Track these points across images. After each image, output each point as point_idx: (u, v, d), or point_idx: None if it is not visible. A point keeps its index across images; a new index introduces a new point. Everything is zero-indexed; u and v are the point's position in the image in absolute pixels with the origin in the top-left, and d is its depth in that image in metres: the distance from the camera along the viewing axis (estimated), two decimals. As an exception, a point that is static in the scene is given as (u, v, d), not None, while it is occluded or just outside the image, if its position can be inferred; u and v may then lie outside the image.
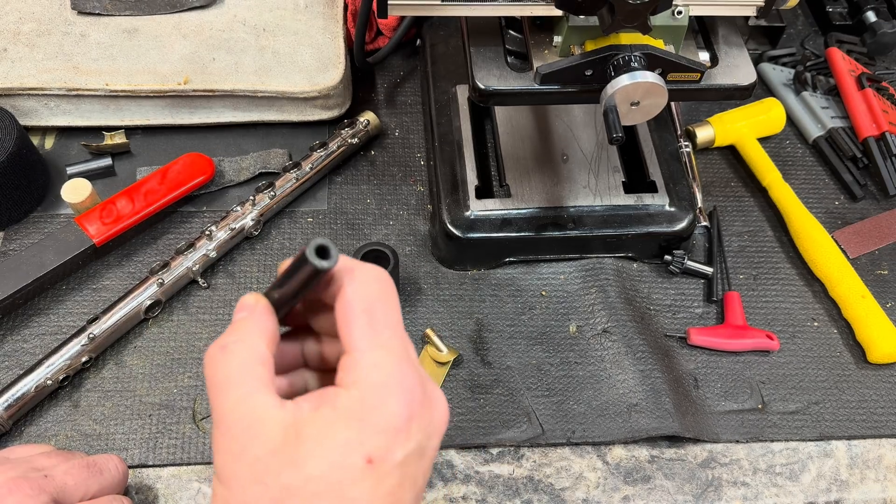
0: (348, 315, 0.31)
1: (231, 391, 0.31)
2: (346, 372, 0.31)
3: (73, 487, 0.45)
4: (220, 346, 0.32)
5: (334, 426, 0.30)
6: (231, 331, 0.33)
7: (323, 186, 0.66)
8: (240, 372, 0.31)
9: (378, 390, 0.30)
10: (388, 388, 0.30)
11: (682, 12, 0.48)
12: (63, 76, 0.62)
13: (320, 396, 0.31)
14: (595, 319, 0.60)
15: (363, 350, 0.31)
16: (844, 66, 0.71)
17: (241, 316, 0.33)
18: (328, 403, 0.30)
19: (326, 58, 0.66)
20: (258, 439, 0.30)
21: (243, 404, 0.30)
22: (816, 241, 0.63)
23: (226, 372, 0.31)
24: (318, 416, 0.30)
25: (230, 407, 0.30)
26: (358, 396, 0.30)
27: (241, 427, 0.30)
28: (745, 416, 0.57)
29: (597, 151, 0.64)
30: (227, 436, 0.30)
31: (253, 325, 0.32)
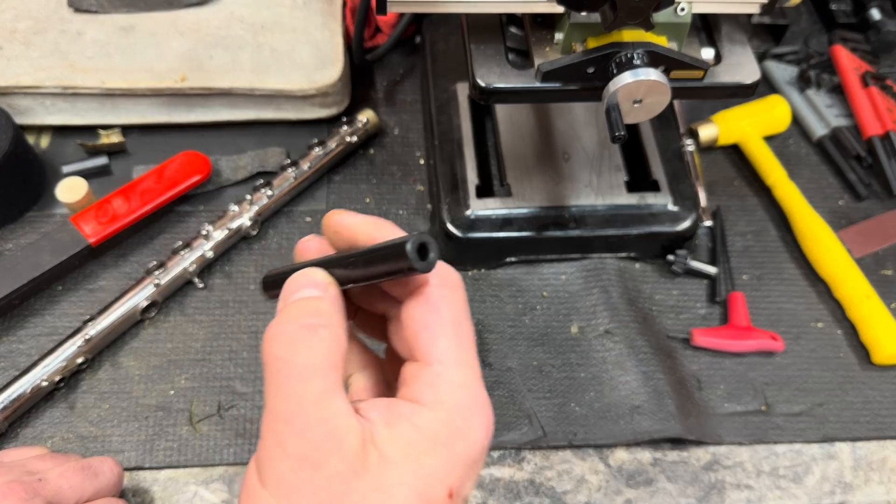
0: (435, 323, 0.28)
1: (313, 383, 0.26)
2: (425, 387, 0.27)
3: (68, 491, 0.45)
4: (307, 326, 0.27)
5: (420, 451, 0.26)
6: (309, 311, 0.28)
7: (321, 185, 0.66)
8: (326, 362, 0.27)
9: (465, 415, 0.27)
10: (473, 412, 0.28)
11: (685, 9, 0.47)
12: (59, 74, 0.62)
13: (392, 411, 0.27)
14: (597, 320, 0.59)
15: (449, 365, 0.28)
16: (849, 64, 0.71)
17: (314, 295, 0.28)
18: (407, 421, 0.27)
19: (325, 55, 0.65)
20: (340, 452, 0.25)
21: (326, 404, 0.26)
22: (821, 241, 0.63)
23: (311, 359, 0.27)
24: (399, 436, 0.26)
25: (310, 403, 0.26)
26: (444, 419, 0.27)
27: (321, 432, 0.26)
28: (749, 417, 0.56)
29: (599, 150, 0.63)
30: (302, 438, 0.26)
31: (335, 310, 0.28)
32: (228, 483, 0.52)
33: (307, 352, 0.27)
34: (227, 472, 0.53)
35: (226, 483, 0.52)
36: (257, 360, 0.57)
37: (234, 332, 0.58)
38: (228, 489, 0.52)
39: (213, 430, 0.54)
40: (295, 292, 0.29)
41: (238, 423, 0.54)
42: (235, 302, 0.59)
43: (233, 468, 0.53)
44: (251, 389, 0.56)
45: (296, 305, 0.28)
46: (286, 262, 0.61)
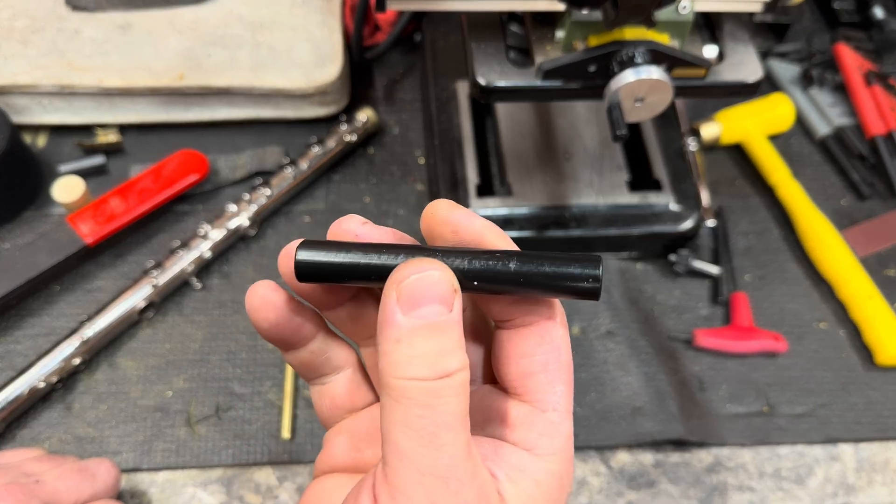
0: (556, 368, 0.26)
1: (461, 434, 0.23)
2: (542, 437, 0.25)
3: (66, 492, 0.44)
4: (445, 373, 0.23)
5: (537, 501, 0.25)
6: (444, 347, 0.23)
7: (320, 185, 0.65)
8: (465, 411, 0.23)
9: (568, 467, 0.26)
10: (571, 464, 0.27)
11: (687, 7, 0.47)
12: (56, 73, 0.61)
13: (510, 463, 0.25)
14: (599, 321, 0.59)
15: (563, 415, 0.26)
16: (852, 63, 0.70)
17: (443, 319, 0.23)
18: (528, 477, 0.25)
19: (324, 53, 0.64)
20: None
21: (473, 459, 0.24)
22: (824, 241, 0.62)
23: (456, 407, 0.23)
24: (523, 492, 0.25)
25: (461, 458, 0.23)
26: (557, 473, 0.26)
27: (474, 493, 0.23)
28: (751, 419, 0.56)
29: (600, 149, 0.63)
30: (457, 498, 0.23)
31: (463, 339, 0.24)
32: (226, 485, 0.52)
33: (452, 400, 0.23)
34: (226, 474, 0.52)
35: (224, 485, 0.52)
36: (255, 361, 0.57)
37: (233, 333, 0.57)
38: (226, 491, 0.52)
39: (212, 431, 0.54)
40: (418, 305, 0.23)
41: (236, 425, 0.54)
42: (234, 302, 0.59)
43: (231, 470, 0.53)
44: (249, 391, 0.55)
45: (421, 335, 0.23)
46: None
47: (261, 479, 0.52)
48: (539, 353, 0.26)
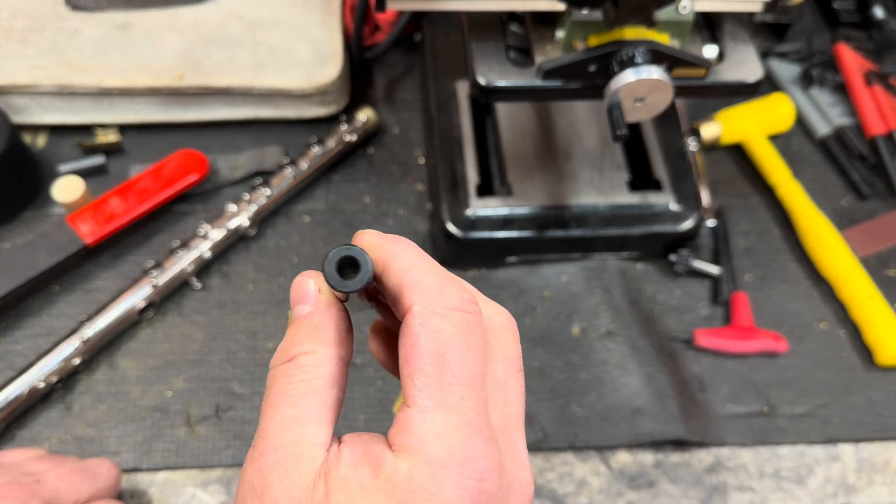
0: (412, 353, 0.24)
1: (283, 410, 0.25)
2: (399, 431, 0.24)
3: (66, 492, 0.44)
4: (288, 359, 0.26)
5: (368, 500, 0.23)
6: (297, 335, 0.27)
7: (320, 185, 0.65)
8: (301, 389, 0.25)
9: (433, 469, 0.23)
10: (447, 468, 0.23)
11: (687, 7, 0.47)
12: (56, 73, 0.61)
13: (365, 449, 0.25)
14: (599, 321, 0.59)
15: (425, 409, 0.24)
16: (852, 63, 0.70)
17: (305, 311, 0.27)
18: (370, 465, 0.24)
19: (324, 53, 0.64)
20: (284, 482, 0.24)
21: (288, 432, 0.25)
22: (824, 241, 0.62)
23: (285, 386, 0.26)
24: (354, 478, 0.24)
25: (274, 429, 0.25)
26: (406, 470, 0.23)
27: (272, 459, 0.25)
28: (752, 419, 0.56)
29: (600, 149, 0.63)
30: (255, 464, 0.25)
31: (321, 327, 0.26)
32: (226, 485, 0.52)
33: (282, 380, 0.26)
34: (225, 474, 0.52)
35: (223, 485, 0.52)
36: (255, 361, 0.56)
37: (232, 333, 0.57)
38: (226, 491, 0.52)
39: (211, 431, 0.53)
40: (294, 307, 0.28)
41: (236, 425, 0.54)
42: (233, 302, 0.59)
43: (231, 470, 0.53)
44: (249, 391, 0.55)
45: (290, 329, 0.27)
46: (284, 263, 0.61)
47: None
48: (401, 348, 0.25)
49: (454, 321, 0.24)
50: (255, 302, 0.59)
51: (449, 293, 0.25)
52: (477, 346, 0.25)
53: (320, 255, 0.61)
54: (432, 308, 0.24)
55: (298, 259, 0.61)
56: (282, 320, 0.58)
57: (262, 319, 0.58)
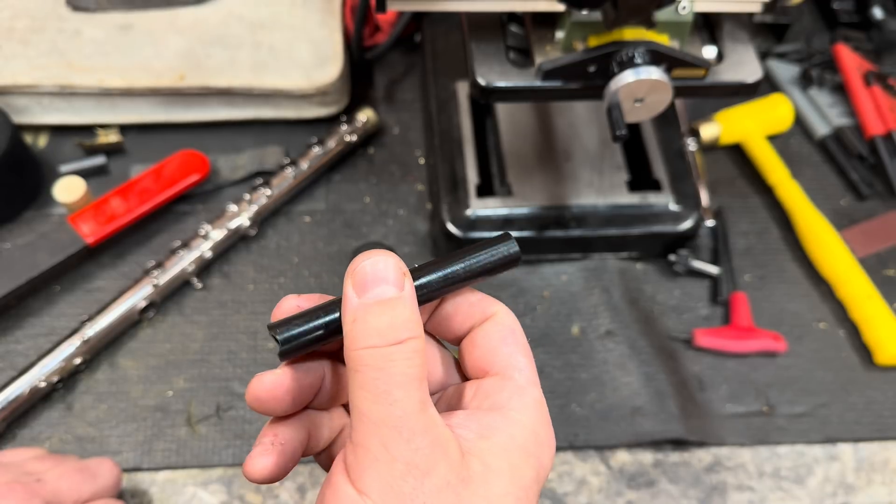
0: (514, 342, 0.30)
1: (414, 392, 0.25)
2: (512, 397, 0.28)
3: (67, 492, 0.44)
4: (397, 340, 0.26)
5: (519, 462, 0.27)
6: (393, 320, 0.26)
7: (320, 185, 0.65)
8: (421, 372, 0.26)
9: (546, 429, 0.29)
10: (550, 429, 0.29)
11: (687, 7, 0.47)
12: (57, 73, 0.62)
13: (483, 422, 0.27)
14: (598, 321, 0.59)
15: (530, 381, 0.29)
16: (851, 63, 0.70)
17: (392, 295, 0.26)
18: (502, 432, 0.27)
19: (324, 53, 0.65)
20: (447, 460, 0.25)
21: (428, 414, 0.26)
22: (823, 241, 0.62)
23: (408, 369, 0.26)
24: (497, 446, 0.27)
25: (414, 411, 0.25)
26: (532, 430, 0.28)
27: (428, 440, 0.25)
28: (751, 418, 0.56)
29: (600, 149, 0.63)
30: (410, 445, 0.25)
31: (416, 314, 0.27)
32: (227, 484, 0.52)
33: (404, 362, 0.26)
34: (226, 474, 0.53)
35: (224, 484, 0.52)
36: (256, 361, 0.57)
37: (233, 333, 0.58)
38: (227, 490, 0.52)
39: (212, 431, 0.54)
40: (367, 287, 0.26)
41: (237, 424, 0.54)
42: (234, 302, 0.59)
43: (231, 469, 0.53)
44: (250, 390, 0.55)
45: (374, 311, 0.26)
46: (284, 263, 0.61)
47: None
48: (495, 334, 0.30)
49: (518, 324, 0.31)
50: (255, 302, 0.59)
51: (509, 310, 0.31)
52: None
53: (321, 255, 0.62)
54: (509, 312, 0.31)
55: (299, 259, 0.61)
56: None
57: (263, 319, 0.58)
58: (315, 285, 0.60)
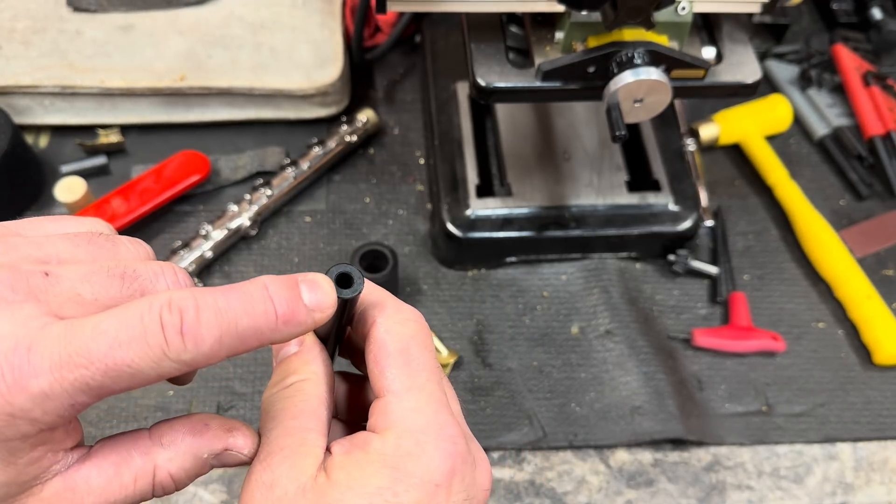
0: (381, 354, 0.29)
1: (285, 421, 0.28)
2: (379, 416, 0.28)
3: (88, 304, 0.26)
4: (284, 386, 0.29)
5: (367, 473, 0.27)
6: (291, 366, 0.30)
7: (321, 185, 0.65)
8: (300, 407, 0.29)
9: (416, 436, 0.27)
10: (426, 434, 0.27)
11: (686, 8, 0.47)
12: (58, 74, 0.62)
13: (351, 441, 0.28)
14: (598, 320, 0.59)
15: (399, 392, 0.28)
16: (850, 64, 0.70)
17: (292, 351, 0.30)
18: (359, 448, 0.28)
19: (324, 54, 0.65)
20: (291, 473, 0.27)
21: (291, 437, 0.28)
22: (822, 241, 0.62)
23: (286, 404, 0.29)
24: (350, 460, 0.27)
25: (278, 436, 0.28)
26: (393, 441, 0.27)
27: (279, 457, 0.27)
28: (750, 418, 0.56)
29: (599, 149, 0.63)
30: (263, 464, 0.27)
31: (310, 360, 0.30)
32: (227, 484, 0.52)
33: (282, 401, 0.29)
34: (227, 473, 0.53)
35: (224, 484, 0.52)
36: (256, 361, 0.57)
37: (234, 333, 0.58)
38: (227, 490, 0.52)
39: (213, 430, 0.54)
40: (279, 351, 0.31)
41: (237, 424, 0.54)
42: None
43: (232, 469, 0.53)
44: (250, 390, 0.55)
45: (276, 370, 0.30)
46: (285, 263, 0.61)
47: (262, 478, 0.53)
48: (369, 354, 0.30)
49: (411, 326, 0.30)
50: (256, 302, 0.59)
51: (403, 308, 0.30)
52: (430, 346, 0.30)
53: (321, 254, 0.62)
54: (393, 318, 0.30)
55: (299, 259, 0.62)
56: (283, 320, 0.59)
57: (263, 319, 0.58)
58: (315, 285, 0.60)
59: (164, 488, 0.28)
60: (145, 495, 0.27)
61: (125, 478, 0.27)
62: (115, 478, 0.27)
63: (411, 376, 0.29)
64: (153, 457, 0.27)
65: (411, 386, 0.28)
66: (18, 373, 0.22)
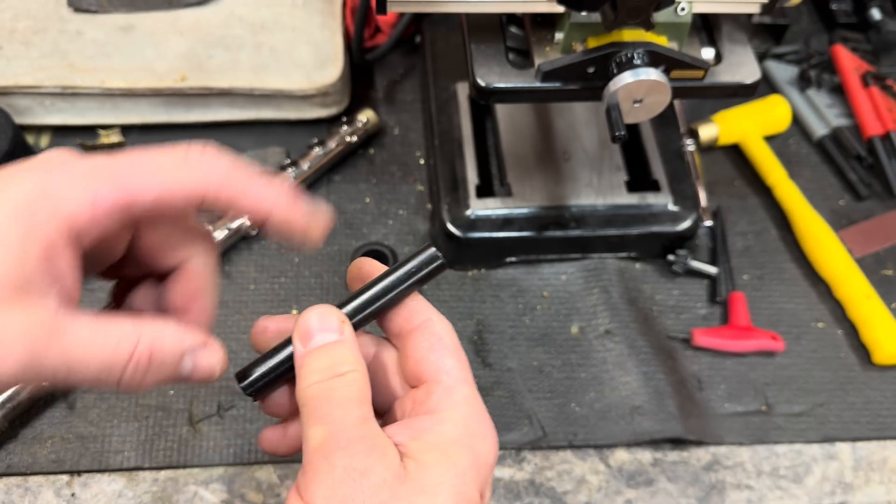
0: (439, 345, 0.32)
1: (352, 409, 0.29)
2: (441, 399, 0.31)
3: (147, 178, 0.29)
4: (337, 374, 0.30)
5: (451, 453, 0.29)
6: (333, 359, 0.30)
7: (321, 185, 0.65)
8: (360, 395, 0.30)
9: (478, 420, 0.30)
10: (484, 420, 0.31)
11: (686, 9, 0.47)
12: (58, 74, 0.62)
13: (413, 427, 0.30)
14: (597, 320, 0.59)
15: (458, 380, 0.31)
16: (849, 64, 0.70)
17: (332, 340, 0.31)
18: (431, 431, 0.30)
19: (325, 55, 0.65)
20: (384, 461, 0.28)
21: (366, 426, 0.29)
22: (821, 241, 0.62)
23: (347, 392, 0.30)
24: (428, 443, 0.29)
25: (352, 424, 0.29)
26: (463, 424, 0.30)
27: (365, 445, 0.28)
28: (749, 418, 0.56)
29: (599, 150, 0.63)
30: (347, 451, 0.28)
31: (356, 353, 0.31)
32: (228, 483, 0.52)
33: (342, 389, 0.30)
34: (227, 473, 0.53)
35: (225, 483, 0.52)
36: (257, 361, 0.57)
37: (234, 333, 0.58)
38: (228, 489, 0.52)
39: (213, 430, 0.54)
40: (311, 337, 0.31)
41: (238, 424, 0.54)
42: (235, 302, 0.59)
43: (232, 468, 0.53)
44: (251, 389, 0.55)
45: (316, 355, 0.30)
46: (285, 263, 0.62)
47: (262, 478, 0.53)
48: (423, 343, 0.32)
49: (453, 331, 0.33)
50: (256, 301, 0.59)
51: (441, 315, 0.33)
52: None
53: (321, 255, 0.62)
54: (443, 320, 0.33)
55: (300, 259, 0.62)
56: (283, 320, 0.59)
57: (264, 319, 0.59)
58: (316, 285, 0.60)
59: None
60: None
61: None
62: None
63: (464, 370, 0.32)
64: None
65: (466, 378, 0.32)
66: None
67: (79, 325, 0.27)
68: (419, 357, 0.32)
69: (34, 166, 0.28)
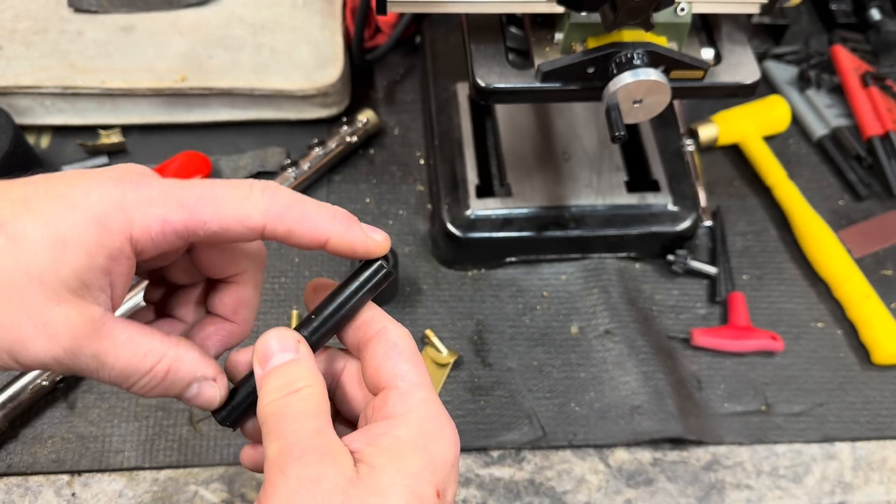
0: (394, 352, 0.33)
1: (307, 422, 0.30)
2: (395, 403, 0.31)
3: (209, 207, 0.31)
4: (292, 390, 0.31)
5: (403, 455, 0.30)
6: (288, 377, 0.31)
7: (321, 186, 0.66)
8: (315, 409, 0.31)
9: (434, 422, 0.31)
10: (440, 420, 0.31)
11: (685, 9, 0.47)
12: (59, 74, 0.62)
13: (370, 433, 0.31)
14: (597, 320, 0.59)
15: (414, 384, 0.32)
16: (849, 64, 0.71)
17: (288, 359, 0.32)
18: (385, 435, 0.30)
19: (325, 55, 0.65)
20: (336, 468, 0.29)
21: (320, 436, 0.30)
22: (821, 241, 0.62)
23: (302, 405, 0.31)
24: (382, 447, 0.30)
25: (306, 435, 0.30)
26: (417, 426, 0.31)
27: (317, 454, 0.29)
28: (749, 417, 0.56)
29: (599, 150, 0.63)
30: (301, 462, 0.29)
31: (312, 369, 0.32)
32: (228, 483, 0.52)
33: (297, 404, 0.31)
34: (227, 472, 0.53)
35: (225, 483, 0.52)
36: (257, 360, 0.57)
37: (234, 332, 0.58)
38: (228, 489, 0.52)
39: (214, 429, 0.54)
40: (269, 359, 0.32)
41: (238, 423, 0.54)
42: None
43: (233, 468, 0.53)
44: (251, 389, 0.56)
45: (274, 375, 0.32)
46: (286, 263, 0.62)
47: (262, 478, 0.53)
48: (380, 350, 0.33)
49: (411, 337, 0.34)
50: (256, 301, 0.59)
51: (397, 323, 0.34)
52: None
53: (322, 255, 0.62)
54: (399, 328, 0.34)
55: (300, 259, 0.62)
56: (283, 320, 0.59)
57: (264, 319, 0.59)
58: (316, 285, 0.60)
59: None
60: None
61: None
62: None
63: (420, 374, 0.33)
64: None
65: (422, 381, 0.32)
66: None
67: (118, 329, 0.30)
68: (376, 364, 0.33)
69: (116, 178, 0.30)
